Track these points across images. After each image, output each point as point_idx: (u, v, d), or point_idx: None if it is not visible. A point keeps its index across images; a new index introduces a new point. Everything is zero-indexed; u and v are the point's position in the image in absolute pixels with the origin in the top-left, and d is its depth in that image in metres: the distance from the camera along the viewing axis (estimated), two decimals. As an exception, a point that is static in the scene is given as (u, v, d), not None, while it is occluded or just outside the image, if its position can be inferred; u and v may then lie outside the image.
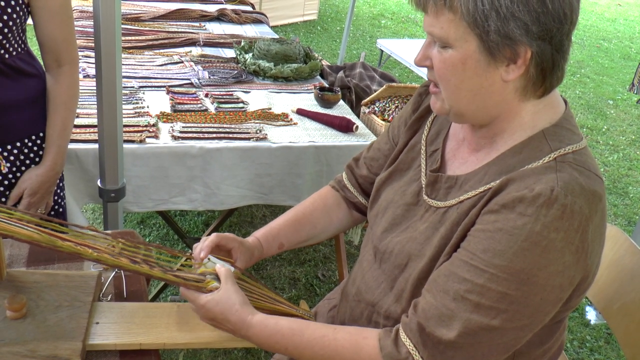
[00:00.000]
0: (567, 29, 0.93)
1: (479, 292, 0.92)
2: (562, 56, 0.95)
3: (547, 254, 0.88)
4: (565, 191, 0.88)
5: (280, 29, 6.94)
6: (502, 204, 0.92)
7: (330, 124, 2.29)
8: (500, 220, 0.92)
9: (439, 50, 0.97)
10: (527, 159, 0.97)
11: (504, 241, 0.90)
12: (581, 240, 0.89)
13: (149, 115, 2.13)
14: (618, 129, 5.59)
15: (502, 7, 0.89)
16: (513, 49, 0.91)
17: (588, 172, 0.93)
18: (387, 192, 1.23)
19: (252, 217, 3.23)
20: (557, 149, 0.96)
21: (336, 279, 2.85)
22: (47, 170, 1.60)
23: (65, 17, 1.56)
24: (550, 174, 0.91)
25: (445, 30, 0.94)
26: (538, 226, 0.88)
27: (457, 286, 0.94)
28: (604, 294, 1.47)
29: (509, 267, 0.90)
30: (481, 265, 0.92)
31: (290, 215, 1.36)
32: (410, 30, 8.27)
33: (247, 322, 1.06)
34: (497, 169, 1.00)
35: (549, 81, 0.97)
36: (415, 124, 1.25)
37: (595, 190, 0.91)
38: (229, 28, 3.41)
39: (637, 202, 4.16)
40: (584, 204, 0.89)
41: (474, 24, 0.91)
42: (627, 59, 8.46)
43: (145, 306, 1.19)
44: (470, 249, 0.95)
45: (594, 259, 0.95)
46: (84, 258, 1.02)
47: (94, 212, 3.10)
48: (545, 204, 0.88)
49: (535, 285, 0.90)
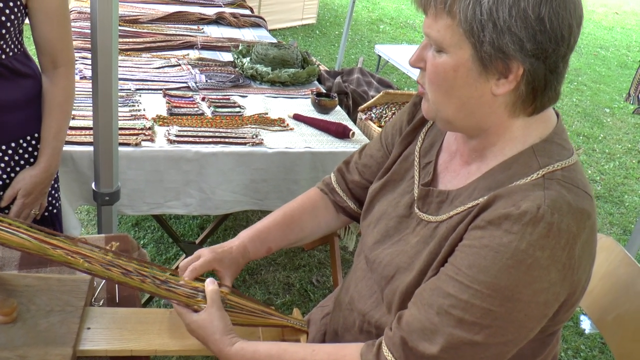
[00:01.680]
0: (564, 51, 0.92)
1: (463, 308, 0.91)
2: (555, 77, 0.94)
3: (532, 271, 0.88)
4: (552, 209, 0.88)
5: (279, 32, 6.94)
6: (488, 220, 0.92)
7: (327, 129, 2.28)
8: (486, 237, 0.91)
9: (434, 54, 0.97)
10: (515, 175, 0.96)
11: (489, 258, 0.90)
12: (568, 258, 0.89)
13: (145, 118, 2.12)
14: (614, 137, 5.60)
15: (500, 19, 0.88)
16: (505, 63, 0.91)
17: (577, 190, 0.93)
18: (381, 203, 1.22)
19: (247, 221, 3.22)
20: (546, 165, 0.95)
21: (330, 285, 2.84)
22: (42, 171, 1.60)
23: (62, 19, 1.56)
24: (537, 192, 0.91)
25: (441, 34, 0.94)
26: (523, 244, 0.87)
27: (441, 300, 0.94)
28: (599, 304, 1.47)
29: (494, 284, 0.89)
30: (466, 281, 0.92)
31: (278, 218, 1.34)
32: (409, 35, 8.28)
33: (224, 352, 1.06)
34: (486, 184, 1.00)
35: (540, 101, 0.96)
36: (410, 135, 1.24)
37: (583, 208, 0.91)
38: (227, 31, 3.41)
39: (632, 211, 4.16)
40: (571, 222, 0.88)
41: (470, 32, 0.91)
42: (623, 67, 8.49)
43: (137, 312, 1.19)
44: (456, 264, 0.95)
45: (582, 275, 0.94)
46: (74, 268, 1.01)
47: (88, 214, 3.09)
48: (531, 222, 0.87)
49: (519, 302, 0.89)
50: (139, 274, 1.07)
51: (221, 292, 1.12)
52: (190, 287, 1.11)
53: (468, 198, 1.01)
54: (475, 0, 0.89)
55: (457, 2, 0.90)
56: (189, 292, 1.10)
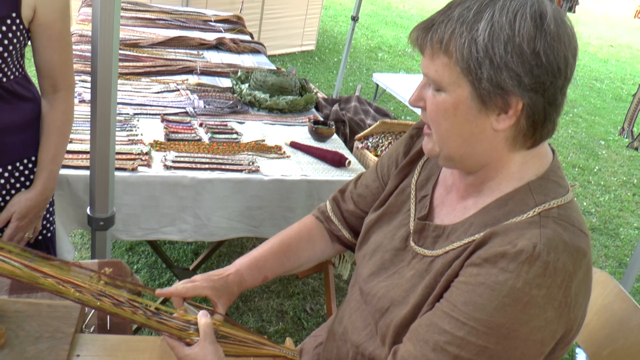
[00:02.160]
0: (561, 83, 0.93)
1: (459, 345, 0.91)
2: (554, 110, 0.95)
3: (529, 309, 0.88)
4: (548, 248, 0.88)
5: (278, 58, 7.00)
6: (484, 257, 0.92)
7: (323, 158, 2.29)
8: (482, 274, 0.91)
9: (433, 92, 0.98)
10: (511, 212, 0.97)
11: (485, 295, 0.90)
12: (564, 296, 0.89)
13: (142, 143, 2.13)
14: (609, 170, 5.63)
15: (496, 56, 0.89)
16: (505, 99, 0.92)
17: (572, 228, 0.93)
18: (377, 235, 1.22)
19: (242, 248, 3.21)
20: (542, 203, 0.95)
21: (324, 313, 2.82)
22: (37, 194, 1.59)
23: (63, 44, 1.57)
24: (533, 230, 0.91)
25: (439, 73, 0.95)
26: (520, 283, 0.87)
27: (437, 337, 0.93)
28: (594, 339, 1.46)
29: (490, 322, 0.89)
30: (462, 318, 0.91)
31: (275, 246, 1.33)
32: (407, 64, 8.37)
33: None
34: (483, 220, 1.00)
35: (539, 133, 0.97)
36: (406, 167, 1.25)
37: (579, 246, 0.91)
38: (226, 57, 3.44)
39: (627, 244, 4.16)
40: (567, 260, 0.88)
41: (467, 70, 0.92)
42: (618, 100, 8.58)
43: (128, 339, 1.18)
44: (451, 300, 0.95)
45: (578, 313, 0.94)
46: (65, 297, 1.00)
47: (82, 237, 3.07)
48: (527, 261, 0.87)
49: (515, 340, 0.89)
50: (130, 305, 1.06)
51: (214, 323, 1.11)
52: (183, 319, 1.10)
53: (464, 234, 1.01)
54: (471, 39, 0.90)
55: (452, 41, 0.92)
56: (181, 325, 1.09)
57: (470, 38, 0.90)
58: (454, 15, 0.93)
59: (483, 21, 0.90)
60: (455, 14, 0.93)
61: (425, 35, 0.96)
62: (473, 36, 0.90)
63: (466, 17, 0.91)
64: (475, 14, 0.91)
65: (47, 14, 1.49)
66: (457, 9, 0.93)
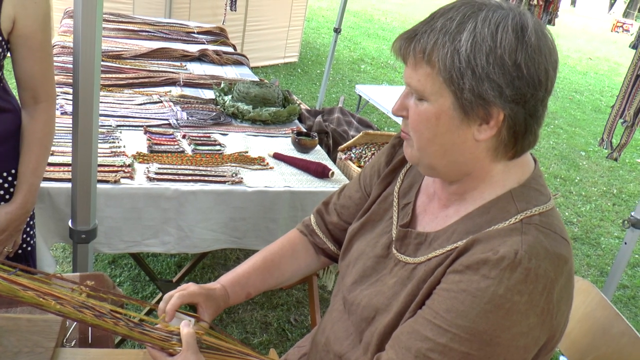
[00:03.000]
0: (542, 95, 0.94)
1: (441, 352, 0.91)
2: (535, 121, 0.97)
3: (511, 316, 0.88)
4: (530, 255, 0.89)
5: (261, 70, 7.02)
6: (466, 264, 0.93)
7: (307, 169, 2.29)
8: (464, 281, 0.92)
9: (416, 102, 0.99)
10: (493, 219, 0.98)
11: (467, 302, 0.90)
12: (546, 302, 0.89)
13: (125, 155, 2.11)
14: (590, 180, 5.71)
15: (478, 66, 0.90)
16: (486, 110, 0.93)
17: (554, 235, 0.94)
18: (359, 243, 1.22)
19: (225, 259, 3.19)
20: (524, 210, 0.96)
21: (308, 324, 2.81)
22: (17, 208, 1.57)
23: (44, 55, 1.55)
24: (515, 237, 0.92)
25: (422, 83, 0.96)
26: (501, 289, 0.88)
27: (419, 344, 0.94)
28: (577, 347, 1.47)
29: (472, 328, 0.89)
30: (444, 325, 0.92)
31: (258, 262, 1.33)
32: (390, 75, 8.43)
33: None
34: (465, 228, 1.01)
35: (520, 145, 0.98)
36: (388, 176, 1.25)
37: (560, 253, 0.92)
38: (209, 69, 3.44)
39: (608, 253, 4.21)
40: (549, 267, 0.89)
41: (449, 80, 0.93)
42: (597, 112, 8.72)
43: (110, 352, 1.17)
44: (434, 307, 0.95)
45: (561, 319, 0.95)
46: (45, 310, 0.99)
47: (64, 251, 3.03)
48: (509, 268, 0.88)
49: (498, 346, 0.89)
50: (112, 317, 1.05)
51: (197, 333, 1.10)
52: (166, 330, 1.09)
53: (447, 241, 1.02)
54: (454, 49, 0.91)
55: (435, 51, 0.93)
56: (164, 336, 1.08)
57: (452, 48, 0.91)
58: (437, 25, 0.94)
59: (466, 32, 0.91)
60: (438, 25, 0.94)
61: (408, 45, 0.97)
62: (456, 47, 0.91)
63: (449, 28, 0.93)
64: (457, 24, 0.92)
65: (27, 25, 1.48)
66: (440, 20, 0.94)
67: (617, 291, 3.66)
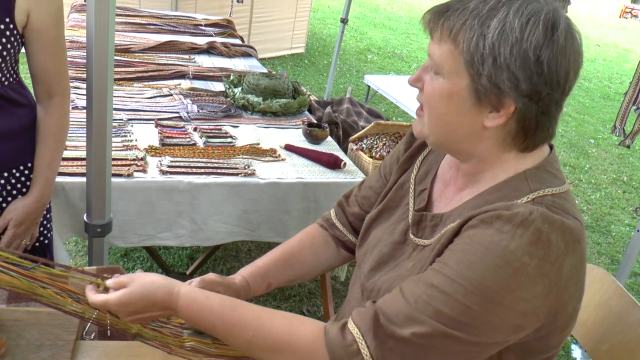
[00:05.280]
0: (557, 96, 0.94)
1: (443, 300, 0.91)
2: (547, 119, 0.96)
3: (518, 277, 0.88)
4: (544, 219, 0.89)
5: (268, 61, 7.00)
6: (481, 219, 0.93)
7: (318, 160, 2.29)
8: (477, 235, 0.92)
9: (432, 76, 1.00)
10: (506, 196, 0.98)
11: (478, 254, 0.90)
12: (556, 275, 0.89)
13: (137, 148, 2.12)
14: (600, 168, 5.67)
15: (501, 56, 0.90)
16: (499, 98, 0.93)
17: (567, 215, 0.93)
18: (377, 231, 1.23)
19: (237, 251, 3.20)
20: (537, 189, 0.96)
21: (321, 315, 2.82)
22: (34, 201, 1.58)
23: (58, 49, 1.56)
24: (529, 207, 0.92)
25: (443, 58, 0.96)
26: (513, 245, 0.88)
27: (422, 289, 0.93)
28: (592, 335, 1.47)
29: (479, 282, 0.89)
30: (451, 275, 0.91)
31: (278, 254, 1.34)
32: (396, 65, 8.39)
33: (174, 293, 1.01)
34: (477, 203, 1.01)
35: (531, 139, 0.98)
36: (406, 162, 1.26)
37: (572, 228, 0.91)
38: (218, 61, 3.43)
39: (619, 241, 4.19)
40: (559, 238, 0.89)
41: (470, 62, 0.93)
42: (606, 99, 8.65)
43: (129, 345, 1.17)
44: (444, 260, 0.95)
45: (568, 300, 0.94)
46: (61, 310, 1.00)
47: (77, 244, 3.05)
48: (522, 225, 0.88)
49: (499, 306, 0.89)
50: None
51: None
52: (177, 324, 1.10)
53: (459, 216, 1.02)
54: (480, 34, 0.91)
55: (462, 31, 0.93)
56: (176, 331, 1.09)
57: (479, 33, 0.91)
58: (470, 5, 0.94)
59: (496, 19, 0.91)
60: (471, 5, 0.94)
61: (437, 20, 0.97)
62: (483, 32, 0.91)
63: (480, 11, 0.92)
64: (490, 9, 0.92)
65: (41, 19, 1.49)
66: (474, 0, 0.94)
67: (629, 279, 3.65)
